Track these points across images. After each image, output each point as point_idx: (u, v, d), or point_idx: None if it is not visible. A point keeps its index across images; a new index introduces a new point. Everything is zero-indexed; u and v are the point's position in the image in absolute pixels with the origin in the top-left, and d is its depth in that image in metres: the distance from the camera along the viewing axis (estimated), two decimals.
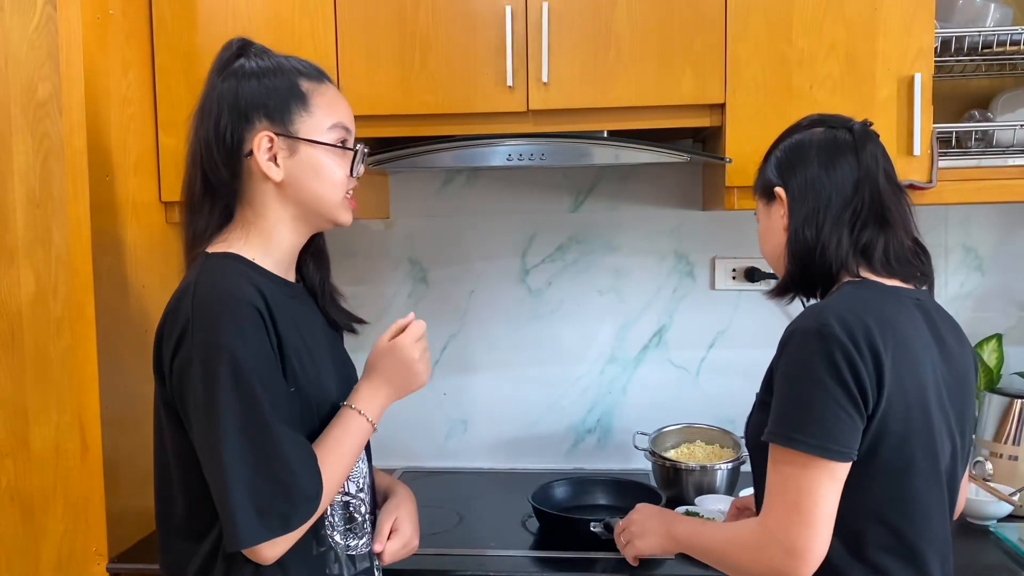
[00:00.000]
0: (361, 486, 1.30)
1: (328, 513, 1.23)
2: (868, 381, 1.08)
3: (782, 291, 1.28)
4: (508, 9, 1.70)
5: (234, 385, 1.09)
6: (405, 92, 1.76)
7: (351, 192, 1.27)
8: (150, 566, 1.64)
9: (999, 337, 2.05)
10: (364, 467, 1.32)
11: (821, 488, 1.08)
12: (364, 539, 1.29)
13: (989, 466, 1.80)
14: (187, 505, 1.19)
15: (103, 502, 1.63)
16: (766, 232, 1.30)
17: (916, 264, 1.24)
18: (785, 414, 1.11)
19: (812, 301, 1.27)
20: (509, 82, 1.71)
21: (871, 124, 1.26)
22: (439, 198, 2.22)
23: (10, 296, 1.64)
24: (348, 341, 1.41)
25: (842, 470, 1.09)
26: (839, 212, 1.20)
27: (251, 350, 1.11)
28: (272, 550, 1.12)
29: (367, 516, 1.31)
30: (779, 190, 1.25)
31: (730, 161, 1.69)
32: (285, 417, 1.13)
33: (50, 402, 1.64)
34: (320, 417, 1.22)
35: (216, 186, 1.23)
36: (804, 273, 1.23)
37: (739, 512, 1.48)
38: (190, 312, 1.12)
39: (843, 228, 1.20)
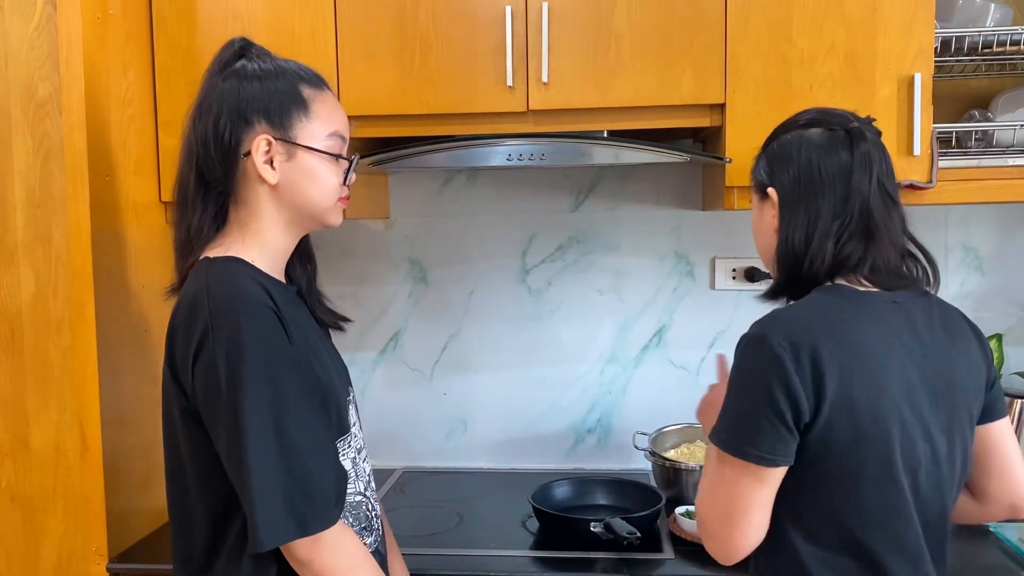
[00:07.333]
0: (368, 483, 1.30)
1: (343, 514, 1.22)
2: (803, 392, 1.08)
3: (774, 295, 1.28)
4: (508, 9, 1.70)
5: (259, 385, 1.09)
6: (405, 92, 1.76)
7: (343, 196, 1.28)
8: (150, 566, 1.65)
9: (999, 337, 2.06)
10: (367, 466, 1.32)
11: (740, 487, 1.12)
12: (373, 536, 1.29)
13: None
14: (207, 514, 1.17)
15: (103, 502, 1.63)
16: (758, 228, 1.30)
17: (904, 272, 1.23)
18: (721, 414, 1.16)
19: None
20: (509, 82, 1.71)
21: (873, 120, 1.24)
22: (439, 198, 2.22)
23: (10, 296, 1.64)
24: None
25: (768, 473, 1.11)
26: (828, 225, 1.18)
27: (274, 350, 1.12)
28: (305, 551, 1.11)
29: (376, 514, 1.32)
30: (771, 191, 1.24)
31: (730, 161, 1.69)
32: (309, 417, 1.14)
33: (50, 402, 1.64)
34: (330, 413, 1.22)
35: (210, 184, 1.22)
36: (791, 280, 1.23)
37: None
38: (208, 317, 1.11)
39: (828, 240, 1.19)
